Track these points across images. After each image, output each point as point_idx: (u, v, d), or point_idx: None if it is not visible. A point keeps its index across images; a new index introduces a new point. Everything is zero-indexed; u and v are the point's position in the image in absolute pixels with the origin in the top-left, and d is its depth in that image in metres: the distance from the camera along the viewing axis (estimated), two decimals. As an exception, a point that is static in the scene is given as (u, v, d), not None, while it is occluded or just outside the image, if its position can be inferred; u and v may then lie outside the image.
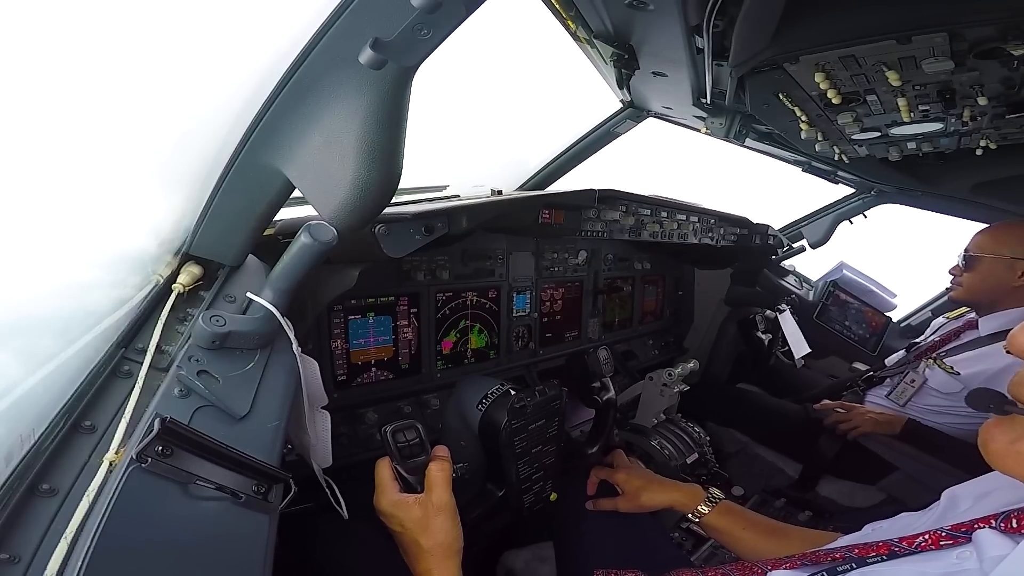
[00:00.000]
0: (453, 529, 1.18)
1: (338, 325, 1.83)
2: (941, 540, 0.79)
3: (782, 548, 1.31)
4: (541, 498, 1.64)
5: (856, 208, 3.62)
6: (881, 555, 0.84)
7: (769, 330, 3.42)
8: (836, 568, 0.88)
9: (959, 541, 0.78)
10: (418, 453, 1.25)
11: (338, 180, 0.92)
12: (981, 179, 2.76)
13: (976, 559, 0.72)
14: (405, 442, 1.25)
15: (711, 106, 1.96)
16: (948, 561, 0.76)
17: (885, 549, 0.85)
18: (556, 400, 1.59)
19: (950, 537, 0.79)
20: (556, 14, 1.56)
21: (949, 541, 0.79)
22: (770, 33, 1.29)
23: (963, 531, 0.78)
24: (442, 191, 2.60)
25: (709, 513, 1.55)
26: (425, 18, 0.76)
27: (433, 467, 1.22)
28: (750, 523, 1.50)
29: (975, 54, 1.26)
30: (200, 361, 0.93)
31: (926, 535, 0.81)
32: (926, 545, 0.81)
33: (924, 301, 4.04)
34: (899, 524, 1.06)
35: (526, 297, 2.45)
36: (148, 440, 0.74)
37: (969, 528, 0.77)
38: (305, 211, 1.62)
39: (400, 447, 1.24)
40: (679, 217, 2.65)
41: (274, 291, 1.01)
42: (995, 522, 0.75)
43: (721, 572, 1.12)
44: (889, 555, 0.84)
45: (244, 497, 0.82)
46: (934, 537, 0.80)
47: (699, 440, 2.57)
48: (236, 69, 1.00)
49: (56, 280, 0.98)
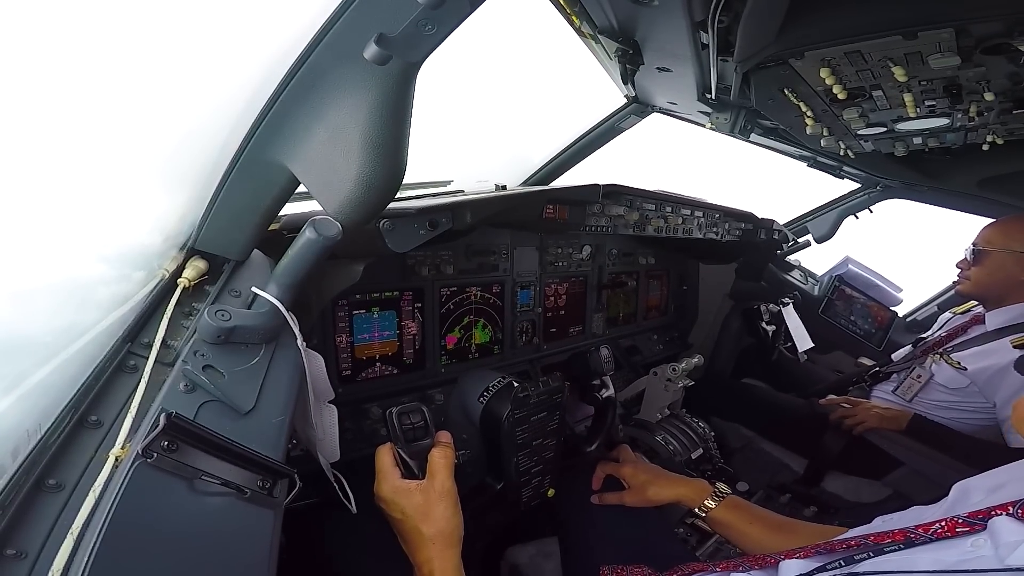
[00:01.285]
0: (455, 517, 1.18)
1: (342, 320, 1.83)
2: (957, 527, 0.79)
3: (789, 543, 1.31)
4: (539, 493, 1.64)
5: (862, 203, 3.61)
6: (897, 542, 0.84)
7: (773, 322, 3.41)
8: (853, 556, 0.87)
9: (975, 528, 0.77)
10: (422, 436, 1.25)
11: (343, 175, 0.92)
12: (987, 174, 2.75)
13: (991, 546, 0.72)
14: (410, 424, 1.25)
15: (716, 101, 1.95)
16: (963, 549, 0.76)
17: (901, 536, 0.84)
18: (558, 393, 1.59)
19: (966, 524, 0.78)
20: (560, 10, 1.56)
21: (965, 528, 0.78)
22: (775, 29, 1.29)
23: (980, 518, 0.77)
24: (446, 186, 2.60)
25: (716, 508, 1.55)
26: (429, 14, 0.76)
27: (436, 453, 1.22)
28: (756, 518, 1.50)
29: (982, 50, 1.26)
30: (205, 356, 0.93)
31: (942, 522, 0.81)
32: (942, 532, 0.80)
33: (930, 296, 4.02)
34: (909, 516, 1.04)
35: (530, 292, 2.44)
36: (154, 435, 0.75)
37: (986, 515, 0.77)
38: (310, 206, 1.62)
39: (404, 429, 1.24)
40: (684, 212, 2.64)
41: (279, 286, 1.01)
42: (1013, 509, 0.75)
43: (732, 564, 1.11)
44: (905, 542, 0.83)
45: (249, 492, 0.83)
46: (950, 524, 0.80)
47: (704, 435, 2.57)
48: (241, 65, 1.00)
49: (62, 275, 0.98)
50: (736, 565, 1.10)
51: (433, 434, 1.27)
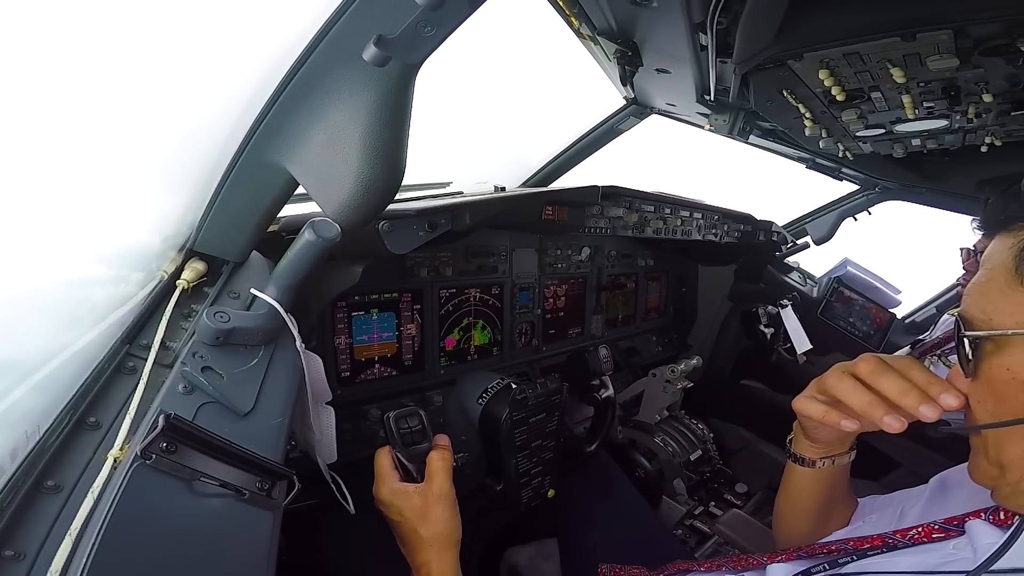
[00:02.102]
0: (452, 519, 1.18)
1: (342, 321, 1.83)
2: (933, 532, 0.83)
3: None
4: (539, 494, 1.64)
5: (860, 205, 3.60)
6: (876, 547, 0.87)
7: (771, 324, 3.41)
8: (837, 560, 0.89)
9: (951, 534, 0.81)
10: (420, 440, 1.25)
11: (342, 177, 0.92)
12: (986, 176, 2.74)
13: (971, 548, 0.75)
14: (407, 428, 1.25)
15: (715, 103, 1.95)
16: (945, 552, 0.79)
17: (880, 541, 0.87)
18: (557, 394, 1.59)
19: (942, 530, 0.82)
20: (560, 11, 1.56)
21: (941, 534, 0.82)
22: (774, 30, 1.29)
23: (955, 524, 0.81)
24: (445, 188, 2.60)
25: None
26: (429, 15, 0.76)
27: (434, 455, 1.22)
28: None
29: (980, 51, 1.25)
30: (204, 357, 0.93)
31: (919, 528, 0.84)
32: (919, 537, 0.83)
33: (928, 297, 4.02)
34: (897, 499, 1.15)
35: (529, 294, 2.44)
36: (152, 437, 0.74)
37: (960, 521, 0.81)
38: (309, 207, 1.62)
39: (402, 433, 1.24)
40: (683, 214, 2.65)
41: (278, 287, 1.01)
42: (984, 515, 0.78)
43: (716, 563, 1.12)
44: (884, 547, 0.86)
45: (248, 494, 0.83)
46: (926, 530, 0.83)
47: (703, 437, 2.57)
48: (240, 66, 1.00)
49: (61, 276, 0.98)
50: (719, 565, 1.11)
51: (431, 437, 1.27)
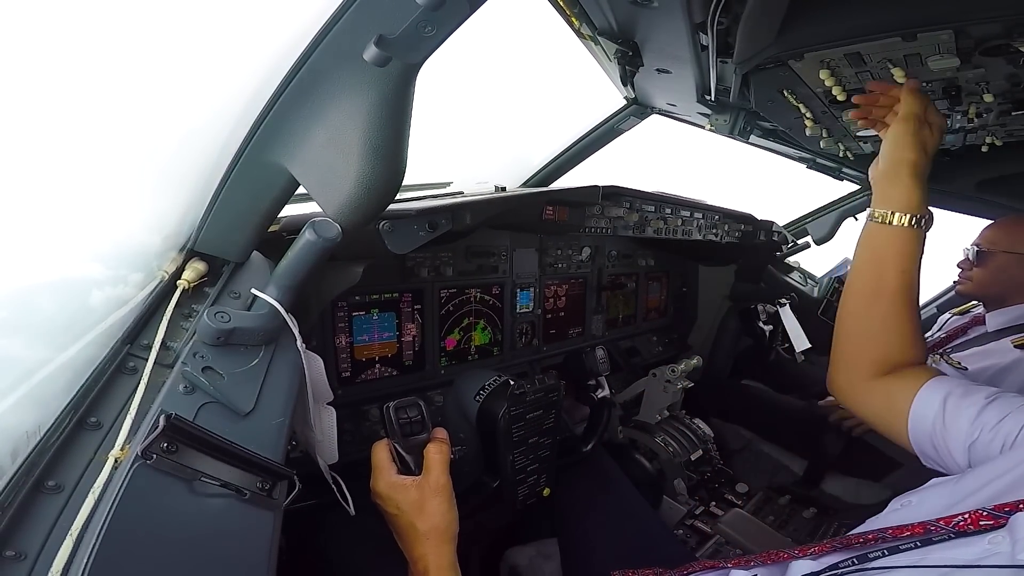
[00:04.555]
0: (449, 512, 1.18)
1: (342, 321, 1.83)
2: (981, 520, 0.76)
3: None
4: (535, 492, 1.64)
5: (861, 204, 3.58)
6: (917, 536, 0.81)
7: (770, 322, 3.40)
8: (868, 554, 0.85)
9: (999, 523, 0.75)
10: (419, 431, 1.26)
11: (342, 177, 0.92)
12: (986, 176, 2.74)
13: (1009, 542, 0.70)
14: (407, 419, 1.25)
15: (715, 103, 1.95)
16: (980, 547, 0.73)
17: (921, 529, 0.81)
18: (554, 391, 1.59)
19: (991, 517, 0.76)
20: (560, 11, 1.56)
21: (989, 521, 0.75)
22: (775, 30, 1.28)
23: (1006, 511, 0.75)
24: (446, 188, 2.60)
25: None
26: (429, 15, 0.76)
27: (431, 448, 1.22)
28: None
29: (981, 51, 1.25)
30: (205, 357, 0.93)
31: (966, 515, 0.78)
32: (964, 525, 0.77)
33: (929, 297, 4.02)
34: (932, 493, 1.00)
35: (529, 294, 2.45)
36: (153, 437, 0.74)
37: (1013, 508, 0.75)
38: (309, 208, 1.62)
39: (401, 423, 1.24)
40: (683, 214, 2.65)
41: (278, 287, 1.01)
42: None
43: (744, 560, 1.10)
44: (924, 535, 0.80)
45: (249, 494, 0.82)
46: (974, 517, 0.77)
47: (703, 436, 2.57)
48: (241, 66, 1.00)
49: (61, 276, 0.98)
50: (747, 562, 1.09)
51: (430, 429, 1.27)
